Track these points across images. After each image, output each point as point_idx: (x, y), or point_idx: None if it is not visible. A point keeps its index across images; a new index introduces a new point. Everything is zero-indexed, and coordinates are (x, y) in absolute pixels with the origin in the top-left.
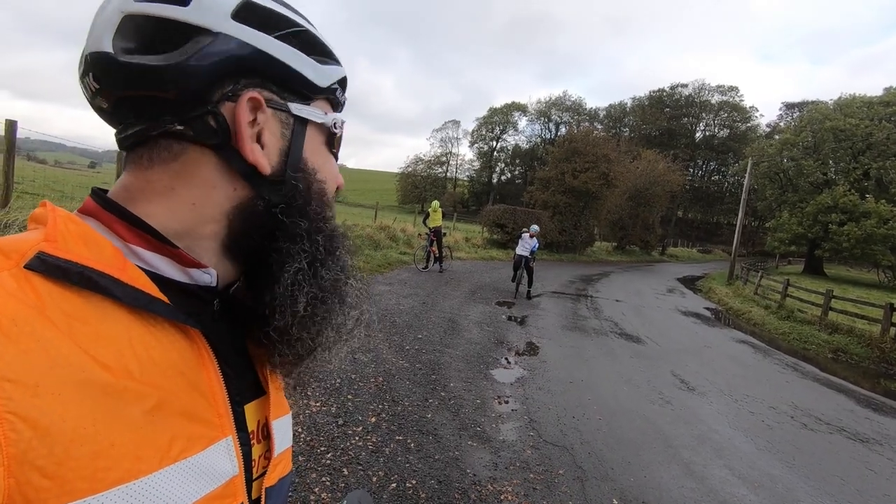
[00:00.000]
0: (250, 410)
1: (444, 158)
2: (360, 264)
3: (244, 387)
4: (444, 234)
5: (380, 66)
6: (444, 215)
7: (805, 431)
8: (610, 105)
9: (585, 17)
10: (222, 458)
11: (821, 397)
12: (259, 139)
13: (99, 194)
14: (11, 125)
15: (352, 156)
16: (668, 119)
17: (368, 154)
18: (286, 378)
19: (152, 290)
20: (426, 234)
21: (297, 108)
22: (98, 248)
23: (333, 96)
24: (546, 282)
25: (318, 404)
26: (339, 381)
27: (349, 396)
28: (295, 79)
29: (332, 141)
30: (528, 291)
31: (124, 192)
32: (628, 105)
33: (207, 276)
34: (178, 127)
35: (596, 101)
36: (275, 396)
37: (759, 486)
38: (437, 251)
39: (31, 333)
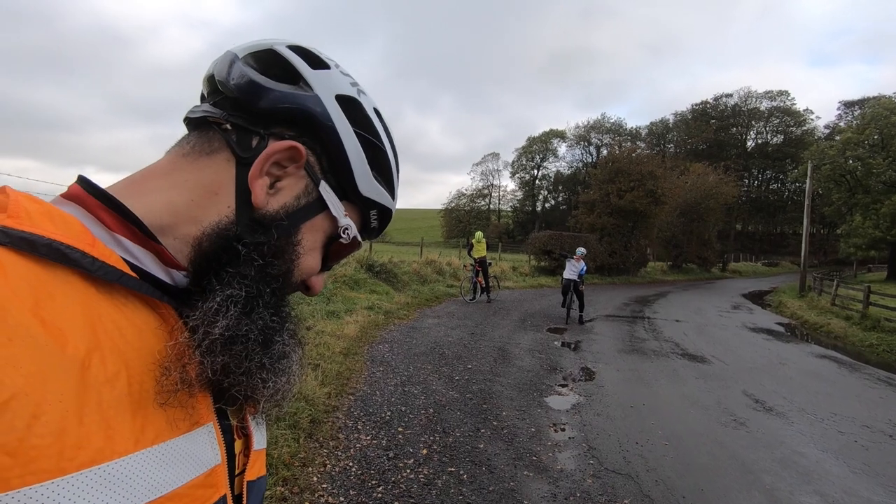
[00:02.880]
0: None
1: (485, 191)
2: (408, 299)
3: None
4: (490, 264)
5: (425, 111)
6: (488, 246)
7: None
8: (651, 123)
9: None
10: (204, 446)
11: None
12: (277, 182)
13: (85, 180)
14: None
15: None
16: (715, 130)
17: (415, 193)
18: None
19: (123, 267)
20: (471, 265)
21: (325, 190)
22: (65, 224)
23: (365, 210)
24: (598, 305)
25: (368, 437)
26: (389, 413)
27: (399, 429)
28: (343, 169)
29: (332, 239)
30: (581, 316)
31: (141, 174)
32: (671, 121)
33: (185, 280)
34: (228, 125)
35: (636, 121)
36: None
37: None
38: (483, 282)
39: None
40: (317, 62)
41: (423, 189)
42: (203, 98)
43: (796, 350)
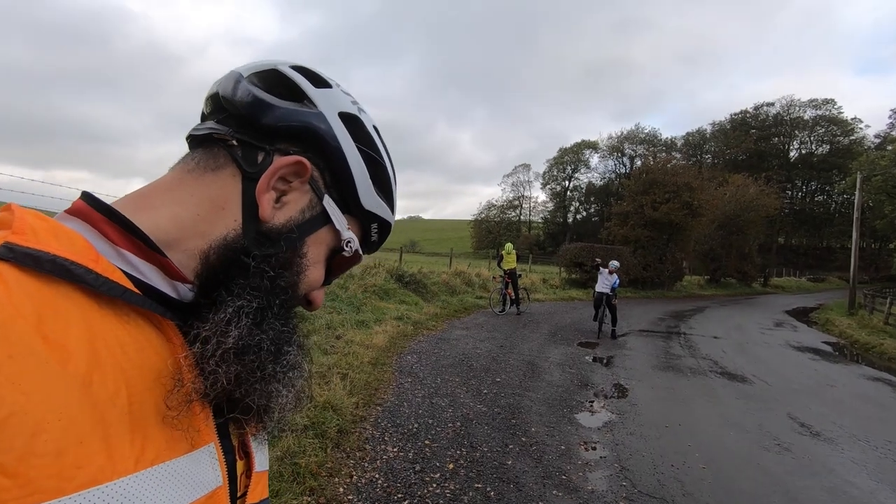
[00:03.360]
0: (230, 425)
1: (516, 202)
2: (437, 310)
3: None
4: (520, 276)
5: (457, 123)
6: (518, 258)
7: None
8: (688, 133)
9: (657, 58)
10: (205, 467)
11: None
12: (283, 196)
13: (89, 195)
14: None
15: (429, 207)
16: (756, 140)
17: (446, 205)
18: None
19: (126, 283)
20: (500, 276)
21: (329, 204)
22: (69, 240)
23: (366, 224)
24: (632, 320)
25: (395, 449)
26: (416, 426)
27: (426, 442)
28: (346, 183)
29: (335, 252)
30: (613, 331)
31: (146, 190)
32: (708, 131)
33: (190, 294)
34: (233, 141)
35: (672, 131)
36: None
37: None
38: (512, 293)
39: None
40: (319, 81)
41: (454, 200)
42: (204, 117)
43: (846, 371)
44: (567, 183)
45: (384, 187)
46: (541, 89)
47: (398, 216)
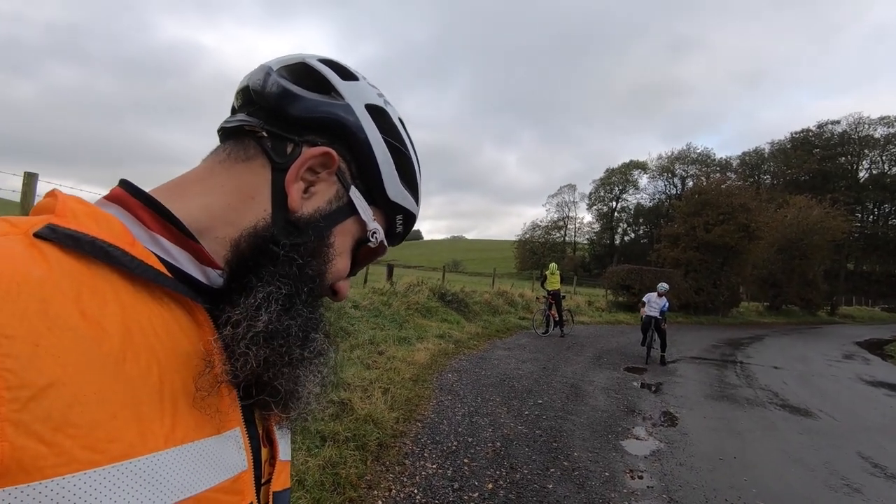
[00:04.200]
0: (255, 412)
1: (561, 223)
2: (479, 329)
3: None
4: (564, 297)
5: (504, 145)
6: (563, 279)
7: None
8: (744, 153)
9: (712, 79)
10: (231, 450)
11: None
12: (311, 187)
13: (127, 182)
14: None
15: (473, 227)
16: (820, 160)
17: (490, 225)
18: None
19: (160, 267)
20: (544, 297)
21: (355, 195)
22: (107, 224)
23: (391, 215)
24: (683, 346)
25: (434, 466)
26: (455, 443)
27: (465, 460)
28: (372, 174)
29: (361, 243)
30: (662, 356)
31: (179, 180)
32: (766, 150)
33: (220, 280)
34: (263, 132)
35: (726, 151)
36: None
37: None
38: (556, 315)
39: (33, 294)
40: (347, 74)
41: (498, 220)
42: (234, 110)
43: None
44: (614, 204)
45: (409, 178)
46: (588, 111)
47: (440, 236)
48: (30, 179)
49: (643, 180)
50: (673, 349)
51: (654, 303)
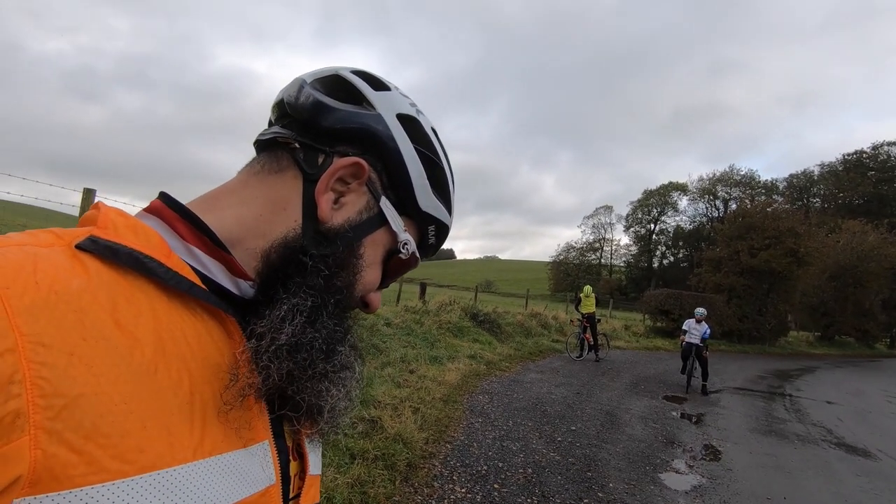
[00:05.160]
0: (285, 425)
1: (596, 245)
2: (511, 351)
3: None
4: (599, 320)
5: (541, 167)
6: (598, 302)
7: None
8: (791, 175)
9: (756, 101)
10: (258, 464)
11: None
12: (341, 197)
13: (166, 195)
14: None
15: (507, 248)
16: (875, 183)
17: (524, 245)
18: None
19: (194, 278)
20: (578, 320)
21: (386, 206)
22: (146, 236)
23: (423, 226)
24: (726, 376)
25: (462, 490)
26: (485, 468)
27: (495, 486)
28: (403, 185)
29: (391, 254)
30: (704, 386)
31: (215, 192)
32: (816, 172)
33: (252, 291)
34: (296, 144)
35: (771, 173)
36: None
37: None
38: (591, 339)
39: (70, 304)
40: (378, 84)
41: (533, 241)
42: (270, 124)
43: None
44: (652, 226)
45: (442, 188)
46: (627, 133)
47: (473, 255)
48: (88, 195)
49: (683, 202)
50: (715, 378)
51: (694, 329)
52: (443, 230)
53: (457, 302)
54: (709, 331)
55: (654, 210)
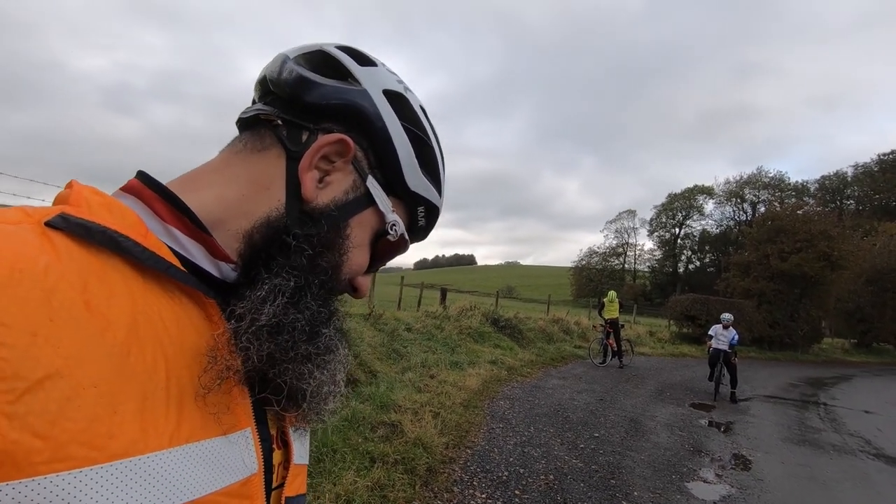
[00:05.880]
0: (269, 412)
1: (619, 250)
2: (532, 357)
3: None
4: (622, 326)
5: (564, 172)
6: (622, 307)
7: None
8: (823, 177)
9: (785, 103)
10: (239, 451)
11: None
12: (326, 176)
13: (144, 174)
14: None
15: (529, 253)
16: None
17: (546, 251)
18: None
19: (172, 259)
20: (601, 325)
21: (373, 185)
22: (121, 215)
23: (412, 207)
24: (756, 383)
25: (483, 496)
26: (506, 474)
27: (517, 492)
28: (391, 164)
29: (379, 235)
30: (733, 393)
31: (196, 171)
32: (849, 174)
33: (233, 274)
34: (279, 121)
35: (801, 175)
36: None
37: None
38: (614, 345)
39: (36, 283)
40: (364, 60)
41: (555, 247)
42: (254, 102)
43: None
44: (677, 230)
45: (431, 168)
46: (652, 137)
47: (495, 261)
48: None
49: (709, 206)
50: (745, 386)
51: (721, 335)
52: (433, 212)
53: (477, 307)
54: (737, 336)
55: (679, 214)
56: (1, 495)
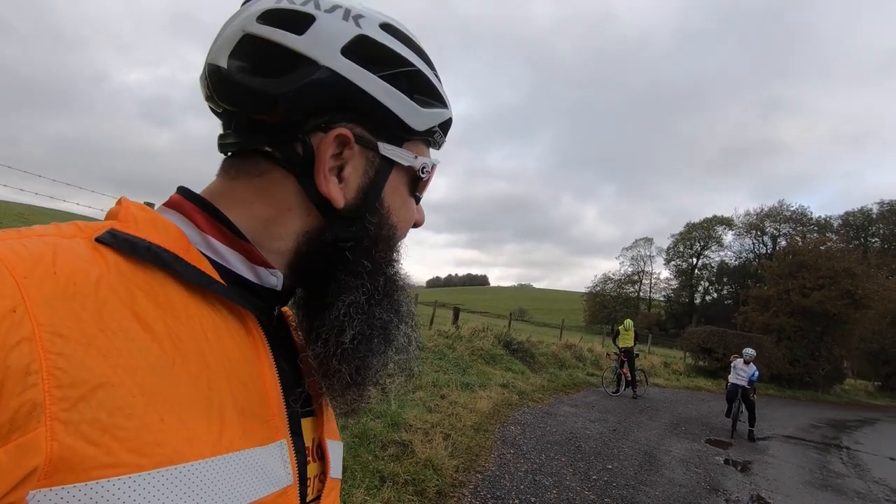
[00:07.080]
0: (305, 424)
1: (635, 277)
2: (544, 382)
3: (298, 396)
4: (637, 355)
5: (584, 198)
6: (636, 337)
7: None
8: (847, 213)
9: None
10: (276, 463)
11: None
12: (341, 172)
13: (184, 189)
14: None
15: (544, 277)
16: None
17: (561, 275)
18: (334, 405)
19: (212, 273)
20: (615, 354)
21: (386, 149)
22: (165, 230)
23: (431, 138)
24: (775, 422)
25: None
26: (516, 502)
27: None
28: (390, 120)
29: (415, 183)
30: (751, 431)
31: (209, 194)
32: (874, 210)
33: (274, 279)
34: (268, 148)
35: (824, 211)
36: (327, 417)
37: None
38: (628, 374)
39: (88, 295)
40: (301, 22)
41: (570, 272)
42: (208, 98)
43: None
44: (694, 260)
45: (428, 91)
46: (673, 168)
47: (508, 283)
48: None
49: (728, 237)
50: (763, 424)
51: (741, 370)
52: (446, 125)
53: (490, 329)
54: (757, 373)
55: (697, 244)
56: (57, 499)
